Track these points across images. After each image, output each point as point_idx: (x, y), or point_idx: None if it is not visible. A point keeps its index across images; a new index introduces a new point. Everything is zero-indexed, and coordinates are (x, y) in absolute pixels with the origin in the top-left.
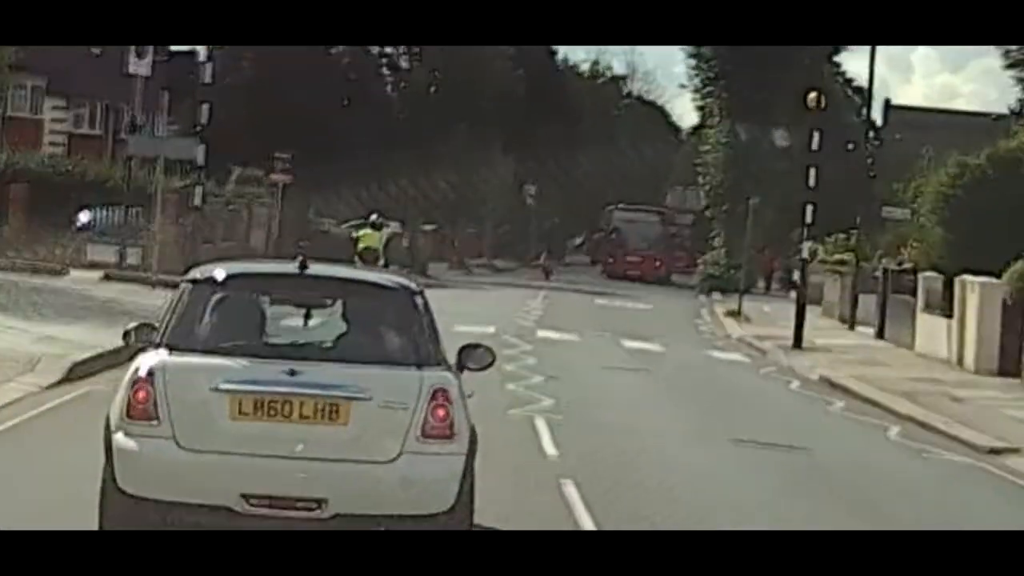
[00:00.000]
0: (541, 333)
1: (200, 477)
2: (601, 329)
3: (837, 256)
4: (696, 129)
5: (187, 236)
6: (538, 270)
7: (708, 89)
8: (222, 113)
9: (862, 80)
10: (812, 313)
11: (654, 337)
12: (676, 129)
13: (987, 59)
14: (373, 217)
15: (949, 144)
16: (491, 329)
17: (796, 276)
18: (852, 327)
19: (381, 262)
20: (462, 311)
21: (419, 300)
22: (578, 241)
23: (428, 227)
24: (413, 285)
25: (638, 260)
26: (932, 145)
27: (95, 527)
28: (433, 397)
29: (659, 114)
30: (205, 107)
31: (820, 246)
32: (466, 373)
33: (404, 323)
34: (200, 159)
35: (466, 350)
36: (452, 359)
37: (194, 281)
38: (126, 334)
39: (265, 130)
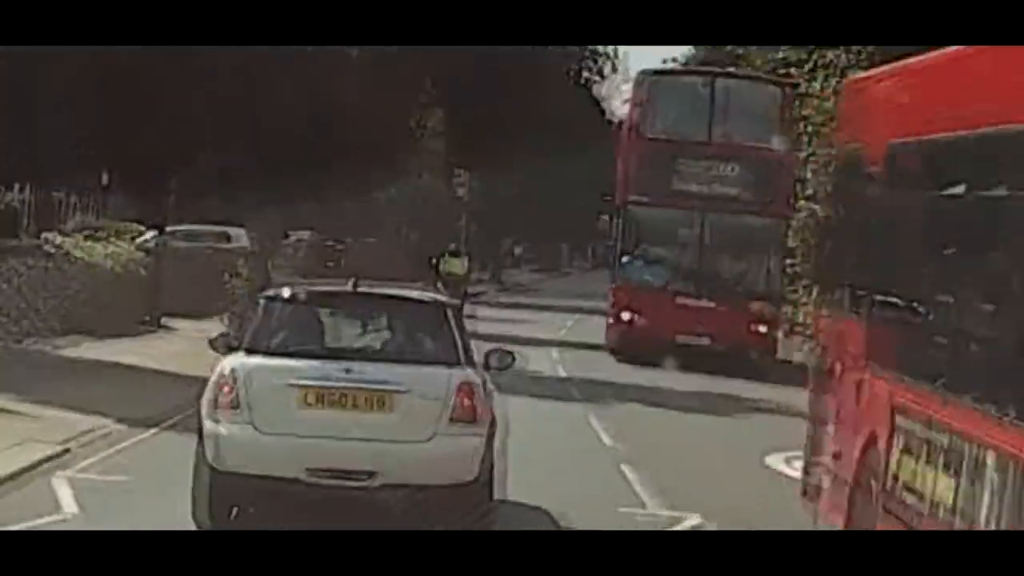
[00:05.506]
0: None
1: (273, 454)
2: None
3: None
4: None
5: None
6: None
7: None
8: None
9: None
10: None
11: None
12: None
13: None
14: (452, 247)
15: None
16: None
17: None
18: None
19: (464, 288)
20: None
21: (450, 312)
22: (519, 250)
23: (299, 235)
24: (445, 300)
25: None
26: None
27: None
28: (460, 390)
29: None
30: None
31: None
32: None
33: (438, 330)
34: None
35: (491, 353)
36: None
37: (268, 298)
38: (211, 342)
39: None
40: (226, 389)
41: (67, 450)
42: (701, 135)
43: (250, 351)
